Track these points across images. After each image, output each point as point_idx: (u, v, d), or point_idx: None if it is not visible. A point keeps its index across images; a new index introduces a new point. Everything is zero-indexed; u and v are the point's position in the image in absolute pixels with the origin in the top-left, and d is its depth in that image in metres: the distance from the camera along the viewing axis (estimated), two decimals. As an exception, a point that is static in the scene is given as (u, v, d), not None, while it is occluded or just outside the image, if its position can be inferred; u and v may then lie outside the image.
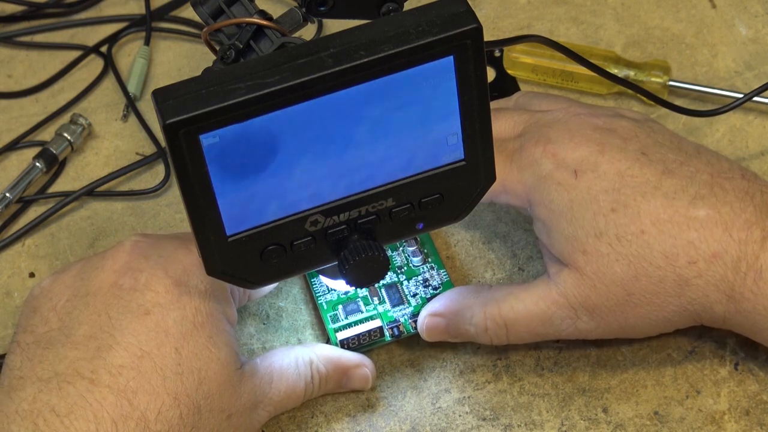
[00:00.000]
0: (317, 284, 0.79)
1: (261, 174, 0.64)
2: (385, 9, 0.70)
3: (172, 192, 0.86)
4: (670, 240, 0.70)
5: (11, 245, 0.84)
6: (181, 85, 0.61)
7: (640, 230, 0.70)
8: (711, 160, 0.73)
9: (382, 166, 0.66)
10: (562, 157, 0.72)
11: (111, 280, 0.68)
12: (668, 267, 0.70)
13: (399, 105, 0.64)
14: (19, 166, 0.88)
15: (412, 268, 0.79)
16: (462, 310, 0.74)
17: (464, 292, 0.75)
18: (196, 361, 0.67)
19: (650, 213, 0.70)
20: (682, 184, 0.71)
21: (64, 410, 0.64)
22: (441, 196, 0.68)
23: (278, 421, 0.76)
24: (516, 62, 0.90)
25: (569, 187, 0.71)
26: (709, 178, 0.71)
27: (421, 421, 0.75)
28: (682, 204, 0.70)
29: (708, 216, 0.70)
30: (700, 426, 0.74)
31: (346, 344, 0.76)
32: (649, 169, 0.71)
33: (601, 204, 0.70)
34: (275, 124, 0.62)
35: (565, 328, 0.72)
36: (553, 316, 0.72)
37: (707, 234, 0.69)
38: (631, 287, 0.70)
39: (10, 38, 0.94)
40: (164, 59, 0.93)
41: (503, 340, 0.73)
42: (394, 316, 0.77)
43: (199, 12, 0.72)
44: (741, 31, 0.92)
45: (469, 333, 0.74)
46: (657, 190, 0.70)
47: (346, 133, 0.64)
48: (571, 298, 0.71)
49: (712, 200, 0.70)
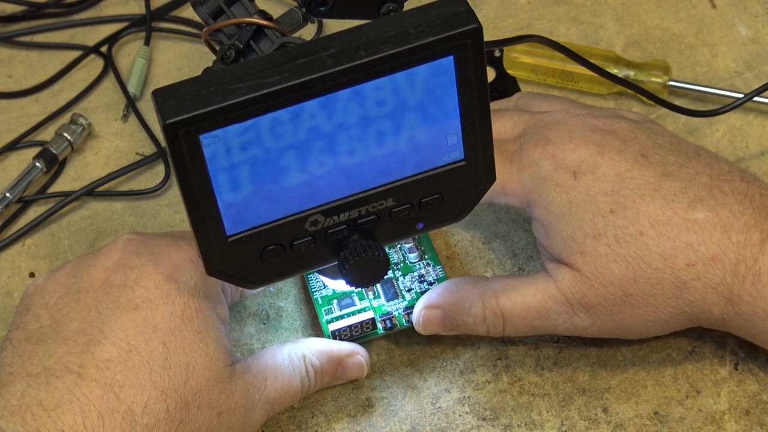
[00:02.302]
0: (313, 280, 0.79)
1: (261, 174, 0.64)
2: (385, 9, 0.70)
3: (172, 192, 0.86)
4: (669, 242, 0.70)
5: (11, 245, 0.84)
6: (181, 85, 0.61)
7: (639, 232, 0.70)
8: (710, 162, 0.73)
9: (382, 166, 0.66)
10: (561, 159, 0.72)
11: (102, 277, 0.69)
12: (666, 269, 0.70)
13: (399, 105, 0.64)
14: (19, 166, 0.88)
15: (408, 264, 0.79)
16: (460, 301, 0.74)
17: (461, 284, 0.75)
18: (184, 356, 0.67)
19: (649, 215, 0.70)
20: (682, 186, 0.71)
21: (52, 404, 0.64)
22: (441, 196, 0.68)
23: (278, 421, 0.76)
24: (516, 62, 0.90)
25: (568, 189, 0.71)
26: (708, 180, 0.71)
27: (421, 421, 0.75)
28: (681, 206, 0.70)
29: (707, 218, 0.70)
30: (700, 426, 0.74)
31: (338, 335, 0.76)
32: (649, 171, 0.71)
33: (600, 205, 0.71)
34: (275, 124, 0.62)
35: (562, 323, 0.72)
36: (550, 310, 0.72)
37: (706, 237, 0.69)
38: (628, 288, 0.70)
39: (10, 38, 0.94)
40: (164, 59, 0.93)
41: (500, 331, 0.73)
42: (387, 310, 0.77)
43: (199, 12, 0.72)
44: (741, 31, 0.92)
45: (466, 324, 0.74)
46: (656, 192, 0.70)
47: (346, 133, 0.64)
48: (568, 294, 0.71)
49: (711, 203, 0.70)
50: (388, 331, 0.77)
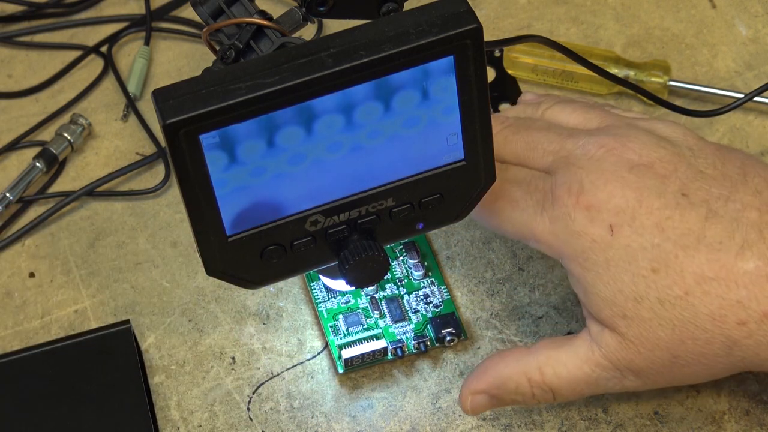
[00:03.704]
0: (316, 289, 0.79)
1: (261, 174, 0.64)
2: (385, 9, 0.70)
3: (172, 192, 0.86)
4: (717, 301, 0.65)
5: (11, 245, 0.84)
6: (181, 85, 0.61)
7: (684, 292, 0.66)
8: (759, 186, 0.67)
9: (382, 165, 0.66)
10: (596, 210, 0.67)
11: None
12: (716, 329, 0.66)
13: (399, 105, 0.64)
14: (19, 166, 0.88)
15: (412, 281, 0.79)
16: (504, 382, 0.70)
17: (501, 362, 0.71)
18: None
19: (694, 271, 0.65)
20: (728, 230, 0.66)
21: None
22: (441, 196, 0.68)
23: (278, 421, 0.76)
24: (516, 62, 0.90)
25: (605, 246, 0.67)
26: (757, 216, 0.66)
27: (421, 421, 0.75)
28: (728, 257, 0.65)
29: (757, 269, 0.65)
30: (700, 426, 0.74)
31: (350, 363, 0.76)
32: (691, 214, 0.66)
33: (641, 263, 0.66)
34: (275, 124, 0.62)
35: (612, 386, 0.69)
36: (599, 378, 0.68)
37: (757, 291, 0.65)
38: (676, 350, 0.66)
39: (10, 38, 0.94)
40: (164, 59, 0.93)
41: (550, 401, 0.71)
42: (396, 335, 0.77)
43: (199, 12, 0.72)
44: (741, 31, 0.92)
45: (515, 402, 0.71)
46: (700, 243, 0.66)
47: (346, 133, 0.64)
48: (615, 361, 0.68)
49: (762, 248, 0.65)
50: (398, 358, 0.77)
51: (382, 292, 0.79)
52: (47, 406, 0.75)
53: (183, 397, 0.77)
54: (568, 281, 0.79)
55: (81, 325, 0.80)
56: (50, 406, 0.75)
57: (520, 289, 0.80)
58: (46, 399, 0.75)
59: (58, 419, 0.74)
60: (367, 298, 0.78)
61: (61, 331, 0.80)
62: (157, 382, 0.78)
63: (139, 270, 0.82)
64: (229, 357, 0.78)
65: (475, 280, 0.80)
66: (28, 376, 0.76)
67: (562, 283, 0.80)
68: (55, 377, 0.76)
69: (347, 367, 0.76)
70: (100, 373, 0.76)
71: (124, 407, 0.74)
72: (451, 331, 0.77)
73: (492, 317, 0.79)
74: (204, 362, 0.78)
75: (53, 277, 0.83)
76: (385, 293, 0.79)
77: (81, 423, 0.74)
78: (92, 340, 0.77)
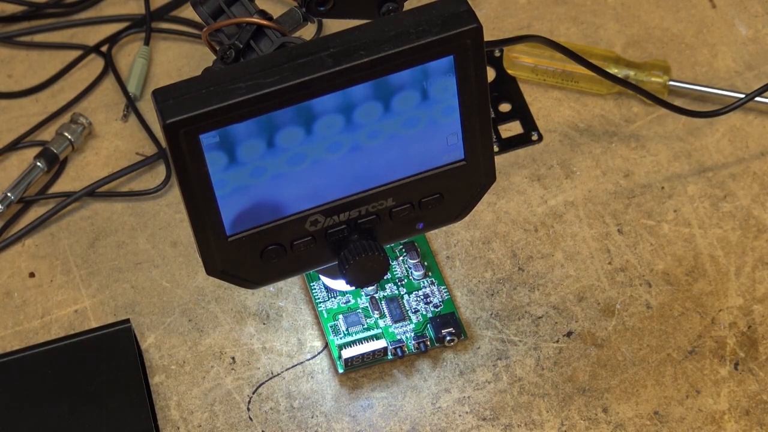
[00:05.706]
0: (316, 289, 0.79)
1: (261, 174, 0.64)
2: (385, 9, 0.70)
3: (172, 192, 0.86)
4: None
5: (11, 245, 0.84)
6: (181, 85, 0.62)
7: None
8: None
9: (381, 165, 0.66)
10: None
11: None
12: None
13: (399, 105, 0.64)
14: (20, 166, 0.88)
15: (412, 281, 0.79)
16: None
17: None
18: None
19: None
20: None
21: None
22: (441, 196, 0.68)
23: (278, 421, 0.76)
24: (516, 62, 0.90)
25: None
26: None
27: (421, 421, 0.75)
28: None
29: None
30: (700, 426, 0.74)
31: (350, 363, 0.76)
32: None
33: None
34: (275, 124, 0.62)
35: None
36: None
37: None
38: None
39: (10, 38, 0.94)
40: (164, 59, 0.93)
41: None
42: (396, 335, 0.77)
43: (199, 12, 0.72)
44: (741, 31, 0.92)
45: None
46: None
47: (346, 133, 0.64)
48: None
49: None
50: (398, 358, 0.77)
51: (382, 292, 0.79)
52: (47, 405, 0.75)
53: (183, 397, 0.77)
54: (568, 281, 0.79)
55: (81, 324, 0.80)
56: (50, 406, 0.75)
57: (520, 289, 0.80)
58: (46, 399, 0.75)
59: (59, 419, 0.74)
60: (367, 298, 0.78)
61: (61, 331, 0.80)
62: (157, 382, 0.78)
63: (139, 270, 0.82)
64: (229, 357, 0.78)
65: (475, 280, 0.81)
66: (28, 376, 0.76)
67: (562, 283, 0.80)
68: (55, 377, 0.76)
69: (347, 367, 0.76)
70: (100, 372, 0.76)
71: (124, 407, 0.75)
72: (451, 331, 0.77)
73: (492, 317, 0.79)
74: (204, 362, 0.78)
75: (53, 277, 0.83)
76: (385, 293, 0.79)
77: (81, 422, 0.74)
78: (92, 340, 0.77)
